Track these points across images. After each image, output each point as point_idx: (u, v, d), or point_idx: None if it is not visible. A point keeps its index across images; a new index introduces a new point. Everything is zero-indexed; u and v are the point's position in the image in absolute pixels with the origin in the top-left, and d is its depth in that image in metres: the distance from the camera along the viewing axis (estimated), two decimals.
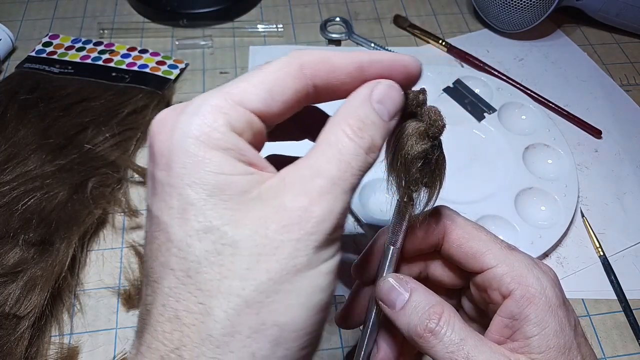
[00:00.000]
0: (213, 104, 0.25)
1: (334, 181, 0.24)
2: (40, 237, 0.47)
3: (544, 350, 0.28)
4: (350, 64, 0.27)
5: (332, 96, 0.28)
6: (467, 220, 0.33)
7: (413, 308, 0.30)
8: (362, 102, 0.26)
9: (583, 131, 0.63)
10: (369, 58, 0.27)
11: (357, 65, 0.27)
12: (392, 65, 0.28)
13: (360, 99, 0.27)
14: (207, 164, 0.23)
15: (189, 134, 0.24)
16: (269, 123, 0.26)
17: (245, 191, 0.24)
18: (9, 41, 0.68)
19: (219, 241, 0.23)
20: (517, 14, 0.69)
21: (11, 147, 0.54)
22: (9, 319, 0.43)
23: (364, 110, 0.26)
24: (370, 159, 0.26)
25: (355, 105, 0.26)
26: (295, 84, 0.26)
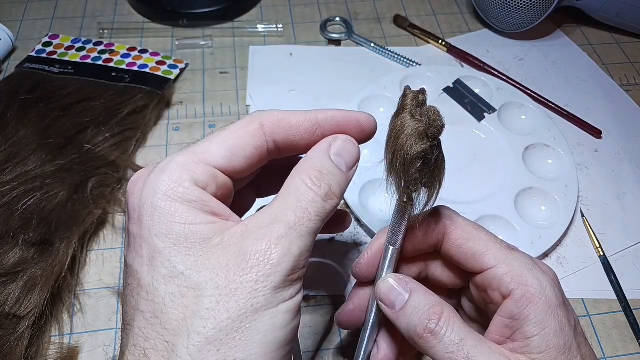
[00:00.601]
0: (179, 162, 0.27)
1: (291, 226, 0.26)
2: (40, 237, 0.47)
3: (544, 350, 0.28)
4: (306, 122, 0.30)
5: (293, 151, 0.31)
6: (467, 220, 0.33)
7: (413, 308, 0.30)
8: (320, 155, 0.29)
9: (583, 131, 0.63)
10: (324, 115, 0.30)
11: (313, 122, 0.30)
12: (347, 121, 0.31)
13: (319, 152, 0.29)
14: (173, 215, 0.26)
15: (156, 190, 0.26)
16: (235, 177, 0.29)
17: (209, 238, 0.26)
18: (9, 41, 0.68)
19: (183, 284, 0.24)
20: (517, 14, 0.69)
21: (11, 147, 0.54)
22: (9, 319, 0.43)
23: (322, 162, 0.29)
24: (328, 206, 0.28)
25: (315, 157, 0.29)
26: (254, 141, 0.29)
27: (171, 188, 0.26)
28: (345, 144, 0.30)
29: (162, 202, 0.26)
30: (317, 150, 0.30)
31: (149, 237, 0.26)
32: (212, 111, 0.63)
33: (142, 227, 0.26)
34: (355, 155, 0.30)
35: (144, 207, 0.26)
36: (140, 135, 0.59)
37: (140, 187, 0.27)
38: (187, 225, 0.26)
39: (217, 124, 0.62)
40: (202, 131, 0.61)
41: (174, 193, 0.26)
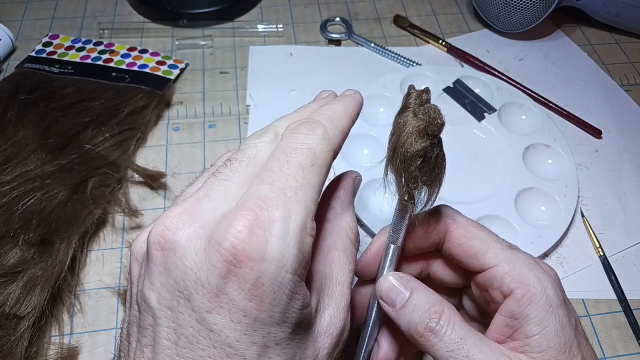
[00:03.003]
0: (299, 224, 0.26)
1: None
2: (40, 237, 0.47)
3: (544, 349, 0.28)
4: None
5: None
6: (468, 219, 0.33)
7: (413, 307, 0.30)
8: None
9: (583, 131, 0.63)
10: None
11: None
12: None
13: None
14: (296, 300, 0.24)
15: (286, 268, 0.24)
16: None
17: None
18: (9, 41, 0.68)
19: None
20: (517, 14, 0.69)
21: (11, 147, 0.54)
22: (9, 319, 0.43)
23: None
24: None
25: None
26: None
27: (302, 267, 0.23)
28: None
29: (292, 285, 0.23)
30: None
31: (269, 322, 0.22)
32: (212, 111, 0.63)
33: (262, 309, 0.22)
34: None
35: (270, 285, 0.22)
36: (140, 135, 0.59)
37: (261, 255, 0.22)
38: (302, 311, 0.24)
39: (217, 124, 0.62)
40: (202, 131, 0.61)
41: (302, 273, 0.24)
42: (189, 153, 0.59)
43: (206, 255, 0.22)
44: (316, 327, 0.25)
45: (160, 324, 0.22)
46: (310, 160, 0.25)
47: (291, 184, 0.23)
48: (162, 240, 0.23)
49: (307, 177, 0.24)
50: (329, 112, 0.28)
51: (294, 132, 0.26)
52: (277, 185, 0.23)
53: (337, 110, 0.28)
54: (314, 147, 0.25)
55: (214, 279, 0.21)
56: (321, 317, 0.26)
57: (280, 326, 0.22)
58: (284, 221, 0.22)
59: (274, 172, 0.24)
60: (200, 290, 0.22)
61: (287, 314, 0.23)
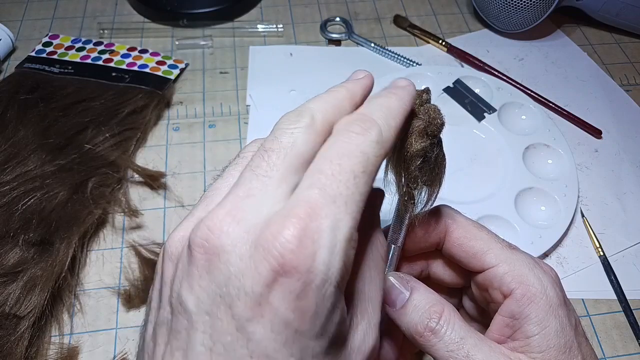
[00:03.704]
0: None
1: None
2: (40, 237, 0.47)
3: (544, 349, 0.28)
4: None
5: None
6: (468, 219, 0.33)
7: (414, 307, 0.30)
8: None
9: (583, 131, 0.63)
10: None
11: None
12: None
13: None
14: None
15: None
16: None
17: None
18: (9, 41, 0.68)
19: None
20: (517, 14, 0.69)
21: (11, 147, 0.54)
22: (9, 319, 0.43)
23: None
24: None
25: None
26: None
27: (344, 280, 0.23)
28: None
29: (334, 298, 0.23)
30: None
31: (309, 335, 0.22)
32: (212, 111, 0.63)
33: (303, 321, 0.22)
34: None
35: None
36: (140, 135, 0.59)
37: (309, 267, 0.21)
38: (340, 325, 0.24)
39: (217, 124, 0.62)
40: (202, 131, 0.61)
41: (343, 286, 0.23)
42: (189, 153, 0.59)
43: (252, 262, 0.21)
44: (349, 343, 0.25)
45: (197, 328, 0.22)
46: (362, 166, 0.23)
47: (342, 192, 0.23)
48: (206, 244, 0.22)
49: (357, 184, 0.23)
50: (385, 109, 0.26)
51: (347, 131, 0.24)
52: (328, 191, 0.22)
53: (392, 107, 0.27)
54: (368, 152, 0.24)
55: (258, 287, 0.21)
56: (354, 334, 0.25)
57: (318, 340, 0.22)
58: (332, 232, 0.22)
59: (326, 175, 0.23)
60: (242, 297, 0.21)
61: (327, 327, 0.22)
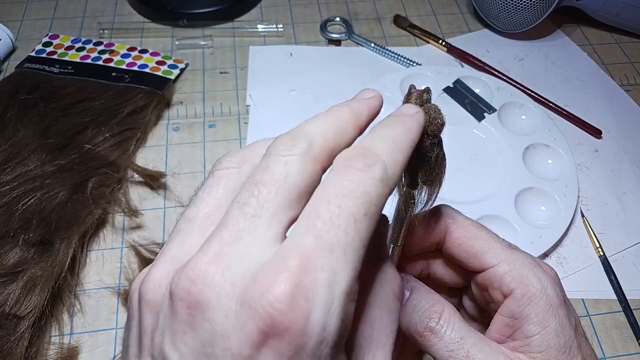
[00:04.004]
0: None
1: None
2: (40, 237, 0.47)
3: (544, 349, 0.28)
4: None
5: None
6: (469, 219, 0.33)
7: (413, 307, 0.30)
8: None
9: (583, 131, 0.63)
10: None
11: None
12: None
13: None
14: None
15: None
16: None
17: None
18: (9, 41, 0.68)
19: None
20: (517, 14, 0.69)
21: (11, 147, 0.54)
22: (9, 319, 0.43)
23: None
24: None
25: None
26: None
27: (343, 338, 0.21)
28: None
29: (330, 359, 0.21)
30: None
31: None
32: (212, 111, 0.63)
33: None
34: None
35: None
36: (140, 135, 0.59)
37: (301, 329, 0.19)
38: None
39: (217, 124, 0.62)
40: (202, 131, 0.61)
41: (342, 344, 0.22)
42: (189, 153, 0.59)
43: (237, 321, 0.19)
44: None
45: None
46: (364, 208, 0.21)
47: (340, 240, 0.20)
48: (188, 297, 0.20)
49: (358, 229, 0.21)
50: (390, 143, 0.24)
51: (347, 167, 0.22)
52: (325, 239, 0.20)
53: (398, 139, 0.24)
54: (370, 192, 0.21)
55: (245, 349, 0.19)
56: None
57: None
58: (328, 288, 0.20)
59: (323, 220, 0.20)
60: (230, 359, 0.19)
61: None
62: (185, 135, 0.61)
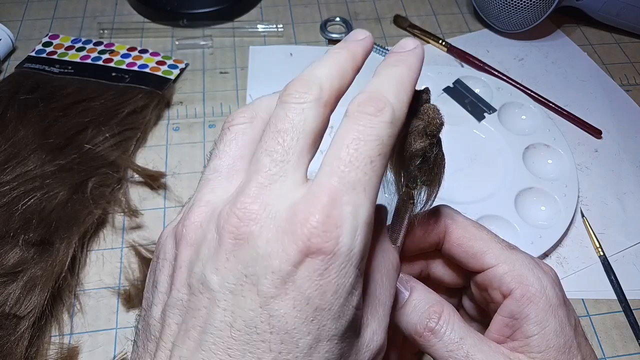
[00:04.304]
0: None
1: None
2: (40, 237, 0.47)
3: (543, 349, 0.28)
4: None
5: None
6: (468, 219, 0.33)
7: (413, 307, 0.30)
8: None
9: (583, 131, 0.63)
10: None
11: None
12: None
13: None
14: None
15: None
16: None
17: None
18: (9, 41, 0.68)
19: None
20: (517, 14, 0.69)
21: (11, 147, 0.54)
22: (9, 319, 0.43)
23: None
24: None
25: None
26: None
27: (364, 261, 0.24)
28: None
29: (353, 278, 0.24)
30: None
31: (327, 315, 0.23)
32: (212, 111, 0.63)
33: (324, 299, 0.23)
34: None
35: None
36: (140, 135, 0.59)
37: (332, 249, 0.23)
38: (356, 311, 0.25)
39: (217, 124, 0.62)
40: (202, 131, 0.61)
41: (363, 267, 0.25)
42: (189, 153, 0.59)
43: (280, 245, 0.22)
44: (361, 338, 0.26)
45: (219, 305, 0.23)
46: (378, 150, 0.24)
47: (360, 178, 0.23)
48: (236, 231, 0.23)
49: (374, 168, 0.24)
50: (396, 83, 0.26)
51: (361, 113, 0.25)
52: (347, 179, 0.23)
53: (403, 79, 0.26)
54: (382, 134, 0.24)
55: (285, 266, 0.22)
56: (365, 331, 0.26)
57: (335, 321, 0.23)
58: (353, 218, 0.23)
59: (344, 162, 0.23)
60: (269, 275, 0.22)
61: (344, 309, 0.23)
62: (185, 135, 0.61)
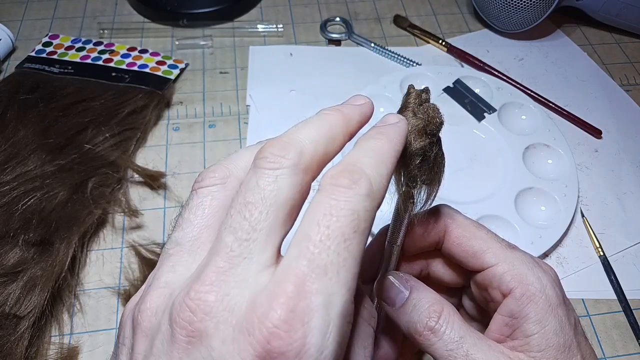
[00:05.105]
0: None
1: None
2: (40, 237, 0.47)
3: (543, 348, 0.28)
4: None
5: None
6: (468, 218, 0.33)
7: (413, 306, 0.30)
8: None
9: (583, 131, 0.63)
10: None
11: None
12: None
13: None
14: None
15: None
16: None
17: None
18: (9, 41, 0.68)
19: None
20: (517, 14, 0.69)
21: (11, 147, 0.54)
22: (9, 319, 0.43)
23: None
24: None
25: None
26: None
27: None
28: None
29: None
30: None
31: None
32: (212, 111, 0.63)
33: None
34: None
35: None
36: (140, 135, 0.59)
37: (298, 353, 0.19)
38: None
39: (217, 124, 0.62)
40: (202, 131, 0.61)
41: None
42: (189, 153, 0.59)
43: (235, 347, 0.19)
44: None
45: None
46: (353, 226, 0.21)
47: (333, 260, 0.20)
48: (188, 327, 0.20)
49: (349, 248, 0.21)
50: (373, 156, 0.23)
51: (334, 186, 0.22)
52: (317, 262, 0.20)
53: (382, 151, 0.24)
54: (358, 209, 0.21)
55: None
56: None
57: None
58: (324, 310, 0.19)
59: (314, 243, 0.20)
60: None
61: None
62: (185, 135, 0.61)
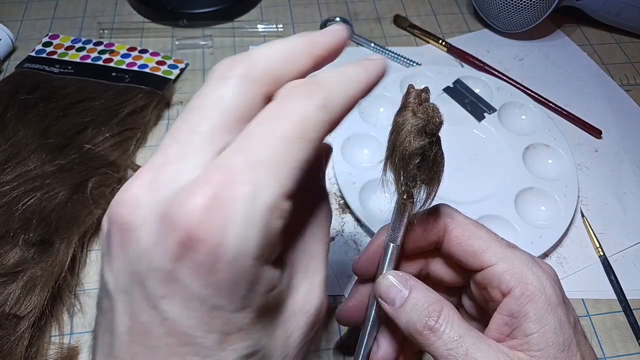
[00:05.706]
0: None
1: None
2: (40, 237, 0.47)
3: (543, 347, 0.28)
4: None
5: None
6: (467, 218, 0.33)
7: (412, 305, 0.30)
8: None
9: (583, 131, 0.63)
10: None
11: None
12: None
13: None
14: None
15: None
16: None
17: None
18: (9, 41, 0.68)
19: None
20: (517, 14, 0.69)
21: (11, 147, 0.54)
22: (9, 319, 0.43)
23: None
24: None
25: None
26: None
27: (267, 252, 0.22)
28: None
29: (253, 271, 0.21)
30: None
31: (229, 309, 0.21)
32: None
33: (220, 296, 0.20)
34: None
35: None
36: (140, 135, 0.59)
37: (219, 240, 0.19)
38: (268, 294, 0.23)
39: None
40: None
41: (268, 258, 0.22)
42: None
43: (159, 236, 0.19)
44: (288, 306, 0.23)
45: (116, 308, 0.20)
46: (298, 131, 0.21)
47: (268, 157, 0.20)
48: (119, 219, 0.20)
49: (289, 150, 0.20)
50: (343, 76, 0.23)
51: (288, 95, 0.22)
52: (251, 157, 0.20)
53: (352, 74, 0.23)
54: (307, 116, 0.21)
55: (166, 263, 0.19)
56: (295, 295, 0.23)
57: (241, 312, 0.20)
58: (249, 201, 0.19)
59: (252, 140, 0.20)
60: (153, 274, 0.19)
61: (250, 300, 0.20)
62: None
